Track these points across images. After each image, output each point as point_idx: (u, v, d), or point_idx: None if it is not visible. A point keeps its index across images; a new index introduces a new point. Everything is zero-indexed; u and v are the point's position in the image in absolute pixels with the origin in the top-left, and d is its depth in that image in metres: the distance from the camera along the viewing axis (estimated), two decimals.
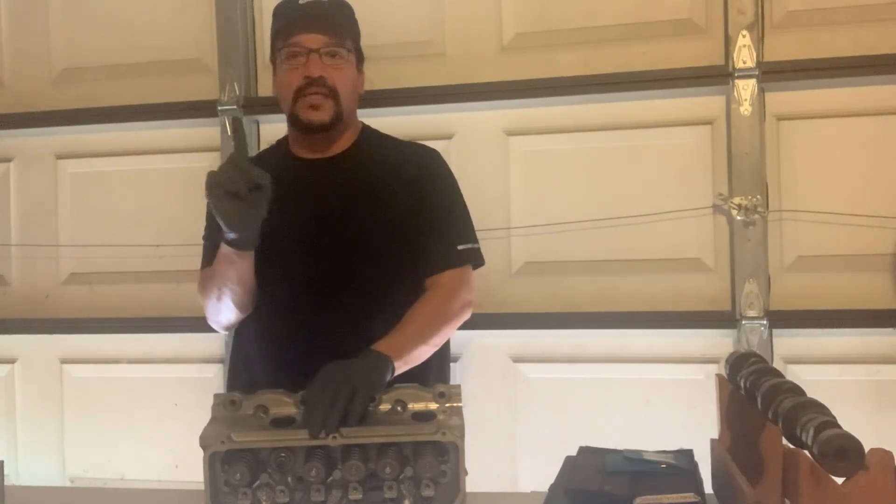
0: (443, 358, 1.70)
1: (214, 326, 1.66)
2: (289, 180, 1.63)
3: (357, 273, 1.57)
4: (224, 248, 1.46)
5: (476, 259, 1.65)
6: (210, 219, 1.68)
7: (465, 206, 1.68)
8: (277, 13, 1.64)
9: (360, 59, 1.67)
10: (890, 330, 2.04)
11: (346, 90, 1.60)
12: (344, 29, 1.61)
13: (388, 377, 1.34)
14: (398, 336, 1.46)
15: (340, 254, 1.57)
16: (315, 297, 1.58)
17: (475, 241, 1.66)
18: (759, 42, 2.08)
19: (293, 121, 1.61)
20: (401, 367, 1.39)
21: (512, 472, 2.24)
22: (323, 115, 1.57)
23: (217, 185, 1.32)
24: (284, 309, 1.60)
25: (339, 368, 1.26)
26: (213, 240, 1.64)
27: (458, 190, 1.68)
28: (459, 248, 1.62)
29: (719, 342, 2.14)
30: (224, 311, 1.60)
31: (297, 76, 1.57)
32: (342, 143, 1.66)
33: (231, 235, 1.40)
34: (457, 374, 2.21)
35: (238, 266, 1.50)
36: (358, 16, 1.68)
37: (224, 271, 1.52)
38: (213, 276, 1.56)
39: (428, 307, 1.56)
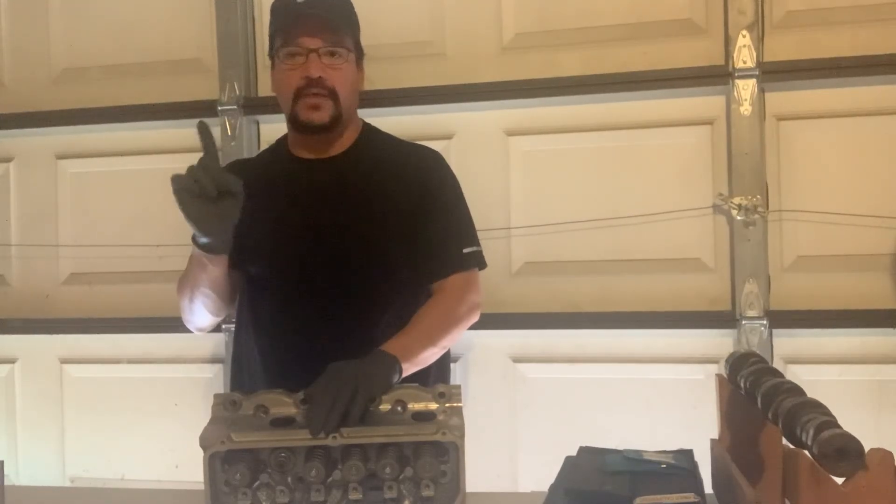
0: (443, 358, 1.69)
1: (189, 328, 1.65)
2: (288, 181, 1.63)
3: (357, 275, 1.57)
4: (195, 252, 1.44)
5: (480, 262, 1.65)
6: None
7: (467, 209, 1.67)
8: (276, 11, 1.62)
9: (359, 55, 1.65)
10: (890, 330, 2.04)
11: (345, 90, 1.58)
12: (343, 27, 1.59)
13: (396, 378, 1.33)
14: (406, 337, 1.46)
15: (340, 256, 1.57)
16: (314, 299, 1.57)
17: (478, 244, 1.65)
18: (759, 42, 2.08)
19: (293, 121, 1.60)
20: (409, 369, 1.39)
21: (512, 472, 2.24)
22: (323, 116, 1.56)
23: (183, 189, 1.30)
24: (283, 311, 1.60)
25: (342, 368, 1.26)
26: None
27: (461, 193, 1.67)
28: (465, 251, 1.61)
29: (719, 342, 2.14)
30: (197, 314, 1.60)
31: (297, 76, 1.55)
32: (342, 144, 1.65)
33: (202, 240, 1.38)
34: (457, 374, 2.21)
35: (209, 271, 1.48)
36: (359, 16, 1.67)
37: (196, 275, 1.51)
38: (186, 278, 1.55)
39: (436, 309, 1.55)
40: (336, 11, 1.59)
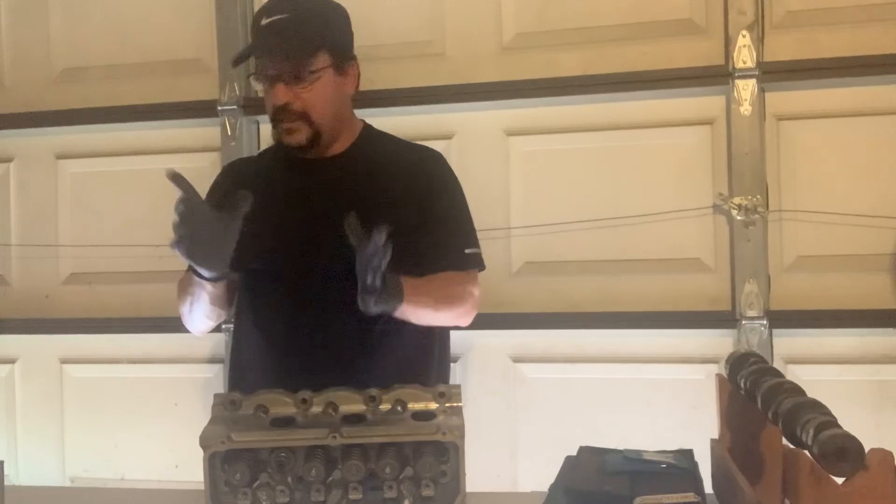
0: (443, 358, 1.70)
1: (189, 329, 1.66)
2: (287, 181, 1.63)
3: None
4: (194, 276, 1.45)
5: (480, 264, 1.65)
6: None
7: (468, 210, 1.66)
8: (251, 31, 1.61)
9: (342, 60, 1.57)
10: (890, 330, 2.04)
11: (319, 108, 1.54)
12: (310, 44, 1.52)
13: (390, 307, 1.36)
14: (418, 283, 1.47)
15: (338, 256, 1.56)
16: (313, 298, 1.57)
17: (478, 246, 1.65)
18: (759, 42, 2.08)
19: (278, 141, 1.61)
20: (406, 308, 1.40)
21: (512, 472, 2.24)
22: (299, 138, 1.55)
23: (182, 240, 1.30)
24: (282, 310, 1.59)
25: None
26: None
27: (462, 194, 1.67)
28: (467, 251, 1.61)
29: (719, 342, 2.14)
30: (197, 321, 1.62)
31: (270, 102, 1.55)
32: (341, 144, 1.64)
33: (204, 273, 1.40)
34: (457, 374, 2.21)
35: (209, 290, 1.50)
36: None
37: (196, 292, 1.52)
38: (186, 288, 1.56)
39: (446, 282, 1.55)
40: (300, 29, 1.52)
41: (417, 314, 1.49)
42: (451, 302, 1.56)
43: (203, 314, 1.58)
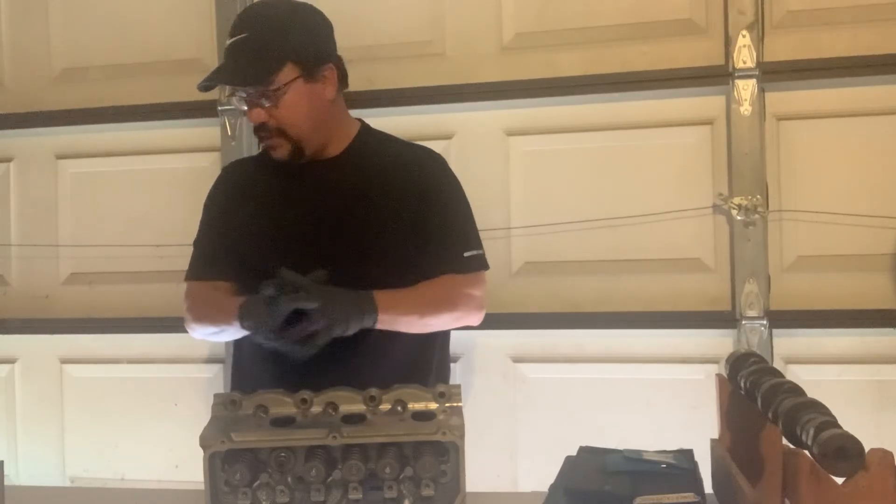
0: (443, 358, 1.69)
1: (194, 336, 1.66)
2: (285, 181, 1.63)
3: (357, 277, 1.56)
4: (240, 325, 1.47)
5: (481, 265, 1.64)
6: (204, 223, 1.67)
7: (469, 211, 1.66)
8: None
9: (313, 67, 1.53)
10: (890, 330, 2.04)
11: (294, 122, 1.53)
12: (270, 62, 1.49)
13: (367, 322, 1.43)
14: (397, 294, 1.50)
15: (340, 257, 1.56)
16: None
17: (480, 246, 1.65)
18: (759, 42, 2.08)
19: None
20: (384, 322, 1.46)
21: (512, 472, 2.24)
22: (281, 153, 1.56)
23: (338, 323, 1.39)
24: None
25: (330, 291, 1.38)
26: (206, 249, 1.63)
27: (462, 195, 1.66)
28: (466, 255, 1.61)
29: (719, 342, 2.14)
30: (210, 338, 1.65)
31: (249, 120, 1.56)
32: (337, 146, 1.63)
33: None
34: (457, 374, 2.21)
35: None
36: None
37: (233, 331, 1.52)
38: (216, 318, 1.55)
39: (437, 287, 1.57)
40: (258, 52, 1.50)
41: (401, 324, 1.51)
42: (439, 307, 1.57)
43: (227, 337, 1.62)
